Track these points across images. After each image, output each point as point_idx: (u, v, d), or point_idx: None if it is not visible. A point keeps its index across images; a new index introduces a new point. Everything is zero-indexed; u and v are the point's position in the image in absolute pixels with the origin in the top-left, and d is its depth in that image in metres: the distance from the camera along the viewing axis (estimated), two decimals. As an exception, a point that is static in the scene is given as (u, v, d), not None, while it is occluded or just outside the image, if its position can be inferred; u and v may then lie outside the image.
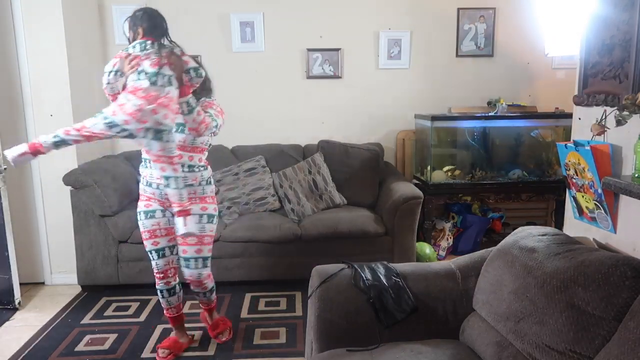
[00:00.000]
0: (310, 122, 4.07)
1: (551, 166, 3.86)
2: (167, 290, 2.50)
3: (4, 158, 3.03)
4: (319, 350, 1.79)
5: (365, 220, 3.31)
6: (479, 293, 1.79)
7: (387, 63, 4.03)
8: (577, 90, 1.97)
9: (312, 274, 1.98)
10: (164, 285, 2.49)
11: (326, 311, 1.82)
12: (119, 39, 3.89)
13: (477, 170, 3.79)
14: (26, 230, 3.42)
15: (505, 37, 4.02)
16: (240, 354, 2.56)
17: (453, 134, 3.95)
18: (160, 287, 2.50)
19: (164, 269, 2.47)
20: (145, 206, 2.42)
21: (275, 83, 4.01)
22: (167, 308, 2.55)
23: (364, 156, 3.70)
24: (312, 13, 3.95)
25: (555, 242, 1.64)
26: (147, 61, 2.08)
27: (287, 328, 2.81)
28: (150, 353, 2.59)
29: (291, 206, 3.51)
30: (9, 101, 3.30)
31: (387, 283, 1.87)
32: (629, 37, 1.64)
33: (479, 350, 1.67)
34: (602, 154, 1.69)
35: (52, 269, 3.49)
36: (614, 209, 1.72)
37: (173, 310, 2.55)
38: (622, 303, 1.30)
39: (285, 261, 3.29)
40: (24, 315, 3.06)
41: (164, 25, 2.24)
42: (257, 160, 3.72)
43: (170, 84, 2.10)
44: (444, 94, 4.07)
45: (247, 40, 3.94)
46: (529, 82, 4.10)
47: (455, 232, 3.88)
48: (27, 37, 3.23)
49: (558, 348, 1.38)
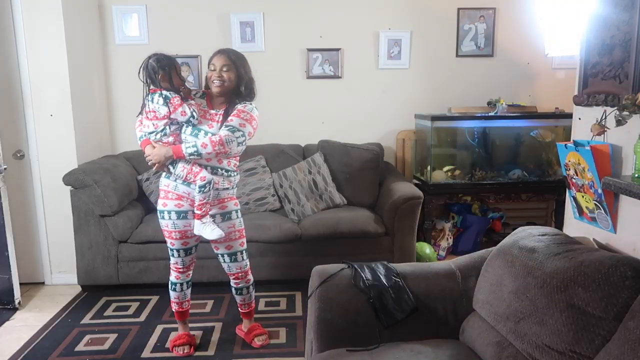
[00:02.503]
0: (310, 122, 4.07)
1: (551, 166, 3.86)
2: (186, 283, 2.58)
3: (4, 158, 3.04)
4: (319, 350, 1.79)
5: (365, 220, 3.31)
6: (479, 293, 1.79)
7: (387, 63, 4.03)
8: (577, 90, 1.97)
9: (312, 274, 1.98)
10: (185, 278, 2.57)
11: (326, 311, 1.82)
12: (119, 39, 3.89)
13: (477, 170, 3.79)
14: (26, 230, 3.42)
15: (505, 37, 4.02)
16: (240, 354, 2.56)
17: (453, 134, 3.95)
18: (180, 281, 2.56)
19: (189, 264, 2.56)
20: (176, 206, 2.42)
21: (275, 83, 4.01)
22: (179, 302, 2.59)
23: (364, 156, 3.70)
24: (312, 13, 3.95)
25: (555, 242, 1.64)
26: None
27: (287, 328, 2.81)
28: (150, 353, 2.59)
29: (291, 206, 3.51)
30: (9, 101, 3.30)
31: (387, 283, 1.87)
32: (629, 37, 1.64)
33: (479, 350, 1.67)
34: (602, 154, 1.69)
35: (52, 269, 3.49)
36: (614, 209, 1.72)
37: (185, 304, 2.62)
38: (622, 303, 1.30)
39: (285, 261, 3.29)
40: (24, 315, 3.06)
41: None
42: (257, 160, 3.72)
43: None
44: (444, 94, 4.07)
45: (247, 40, 3.94)
46: (529, 82, 4.10)
47: (455, 232, 3.88)
48: (27, 37, 3.23)
49: (558, 348, 1.38)
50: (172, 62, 2.36)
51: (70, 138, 3.37)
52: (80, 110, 3.47)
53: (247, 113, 2.37)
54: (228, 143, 2.29)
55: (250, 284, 2.61)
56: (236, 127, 2.31)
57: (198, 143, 2.28)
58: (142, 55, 2.40)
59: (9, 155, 3.29)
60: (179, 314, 2.63)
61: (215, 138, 2.28)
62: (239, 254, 2.52)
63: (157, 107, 2.32)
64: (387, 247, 3.30)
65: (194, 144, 2.28)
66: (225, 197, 2.46)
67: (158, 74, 2.32)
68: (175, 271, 2.54)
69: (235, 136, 2.30)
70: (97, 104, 3.82)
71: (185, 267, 2.54)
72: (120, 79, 3.94)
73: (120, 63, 3.93)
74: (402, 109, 4.06)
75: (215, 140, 2.27)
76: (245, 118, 2.36)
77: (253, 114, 2.41)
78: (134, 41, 3.89)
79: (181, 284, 2.56)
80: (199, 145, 2.27)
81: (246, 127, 2.35)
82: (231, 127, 2.31)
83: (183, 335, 2.61)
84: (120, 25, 3.88)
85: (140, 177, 3.59)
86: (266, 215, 3.47)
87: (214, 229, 2.35)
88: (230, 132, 2.30)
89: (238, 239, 2.50)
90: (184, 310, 2.62)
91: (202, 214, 2.35)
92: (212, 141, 2.27)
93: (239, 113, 2.35)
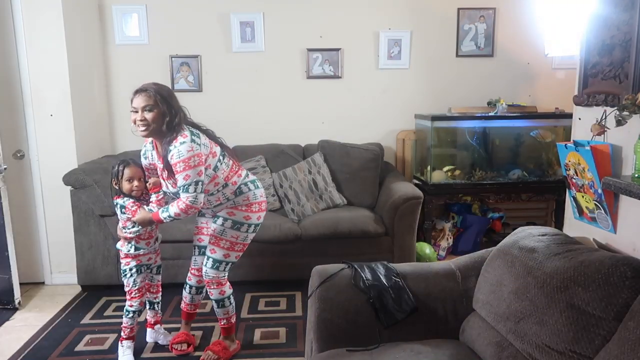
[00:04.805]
0: (310, 122, 4.07)
1: (551, 166, 3.86)
2: (197, 287, 2.59)
3: (4, 158, 3.04)
4: (319, 350, 1.79)
5: (365, 220, 3.31)
6: (479, 293, 1.79)
7: (387, 63, 4.03)
8: (577, 90, 1.97)
9: (312, 274, 1.98)
10: (196, 283, 2.58)
11: (326, 311, 1.82)
12: (119, 39, 3.89)
13: (477, 170, 3.79)
14: (26, 230, 3.42)
15: (505, 37, 4.02)
16: (240, 354, 2.56)
17: (453, 134, 3.95)
18: (191, 284, 2.58)
19: (201, 266, 2.52)
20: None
21: (275, 83, 4.01)
22: (187, 303, 2.62)
23: (364, 156, 3.70)
24: (312, 13, 3.95)
25: (555, 242, 1.64)
26: None
27: (287, 328, 2.81)
28: (150, 353, 2.59)
29: (291, 206, 3.51)
30: (9, 101, 3.30)
31: (387, 283, 1.87)
32: (629, 37, 1.64)
33: (479, 350, 1.67)
34: (602, 154, 1.69)
35: (52, 269, 3.49)
36: (614, 209, 1.72)
37: (191, 307, 2.63)
38: (622, 303, 1.30)
39: (285, 261, 3.29)
40: (24, 315, 3.06)
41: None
42: (257, 160, 3.72)
43: None
44: (444, 94, 4.07)
45: (247, 40, 3.94)
46: (529, 82, 4.10)
47: (455, 232, 3.88)
48: (27, 37, 3.23)
49: (558, 348, 1.38)
50: (115, 171, 2.40)
51: (70, 138, 3.37)
52: (80, 110, 3.47)
53: (183, 161, 2.14)
54: (194, 202, 2.19)
55: (213, 297, 2.52)
56: (187, 184, 2.16)
57: (172, 212, 2.22)
58: (142, 55, 2.40)
59: (9, 155, 3.29)
60: (185, 314, 2.64)
61: (181, 205, 2.19)
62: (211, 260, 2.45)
63: (121, 215, 2.40)
64: (387, 247, 3.30)
65: (169, 214, 2.23)
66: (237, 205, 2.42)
67: (113, 180, 2.43)
68: (191, 272, 2.60)
69: (194, 191, 2.18)
70: (97, 104, 3.82)
71: (197, 270, 2.55)
72: (120, 79, 3.94)
73: (120, 63, 3.93)
74: (402, 109, 4.06)
75: (182, 207, 2.19)
76: (187, 166, 2.14)
77: (190, 152, 2.15)
78: (134, 41, 3.89)
79: (191, 287, 2.59)
80: (172, 214, 2.22)
81: (194, 172, 2.15)
82: (184, 187, 2.17)
83: (181, 334, 2.62)
84: (120, 25, 3.88)
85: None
86: (266, 215, 3.46)
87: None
88: (186, 192, 2.17)
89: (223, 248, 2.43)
90: (190, 312, 2.64)
91: (125, 337, 2.49)
92: (181, 209, 2.19)
93: (176, 166, 2.15)
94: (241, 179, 2.42)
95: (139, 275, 2.47)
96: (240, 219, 2.38)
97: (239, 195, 2.39)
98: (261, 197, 2.46)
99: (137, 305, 2.47)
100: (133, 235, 2.40)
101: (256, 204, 2.43)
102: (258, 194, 2.44)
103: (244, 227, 2.40)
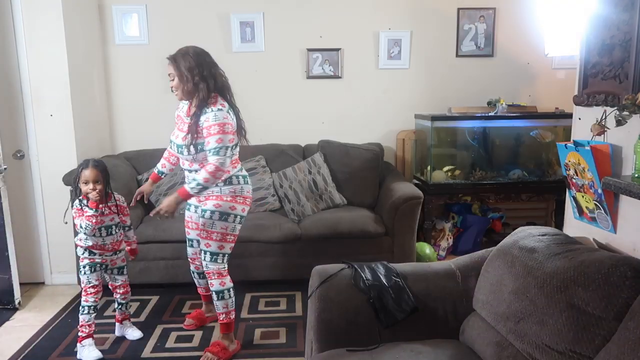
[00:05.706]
0: (310, 122, 4.07)
1: (551, 166, 3.86)
2: (199, 273, 2.78)
3: (4, 158, 3.04)
4: (319, 350, 1.79)
5: (365, 220, 3.31)
6: (479, 293, 1.79)
7: (387, 63, 4.03)
8: (577, 90, 1.97)
9: (312, 274, 1.98)
10: (195, 269, 2.78)
11: (326, 311, 1.82)
12: (119, 39, 3.89)
13: (477, 170, 3.79)
14: (26, 230, 3.42)
15: (505, 37, 4.02)
16: (240, 354, 2.56)
17: (453, 134, 3.96)
18: (192, 270, 2.80)
19: (192, 255, 2.76)
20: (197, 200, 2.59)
21: (275, 83, 4.01)
22: (198, 287, 2.85)
23: (364, 156, 3.70)
24: (312, 13, 3.95)
25: (555, 242, 1.64)
26: None
27: (287, 328, 2.81)
28: (150, 353, 2.59)
29: (291, 206, 3.51)
30: (9, 101, 3.30)
31: (387, 283, 1.87)
32: (629, 37, 1.64)
33: (479, 350, 1.67)
34: (602, 154, 1.69)
35: (52, 269, 3.49)
36: (614, 209, 1.72)
37: (204, 290, 2.83)
38: (622, 303, 1.30)
39: (285, 261, 3.29)
40: (24, 315, 3.06)
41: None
42: (257, 160, 3.72)
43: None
44: (444, 94, 4.06)
45: (247, 40, 3.94)
46: (529, 82, 4.10)
47: (455, 232, 3.88)
48: (27, 37, 3.23)
49: (558, 348, 1.38)
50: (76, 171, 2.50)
51: (70, 138, 3.37)
52: (80, 110, 3.47)
53: (218, 125, 2.33)
54: (223, 165, 2.33)
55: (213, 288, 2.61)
56: (218, 147, 2.33)
57: (199, 179, 2.33)
58: (142, 55, 2.42)
59: (9, 155, 3.29)
60: (202, 296, 2.87)
61: (210, 168, 2.32)
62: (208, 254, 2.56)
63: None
64: (387, 247, 3.30)
65: (197, 182, 2.33)
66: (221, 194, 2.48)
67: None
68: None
69: (224, 154, 2.34)
70: (97, 104, 3.82)
71: (190, 259, 2.79)
72: (120, 79, 3.94)
73: (120, 63, 3.93)
74: (402, 109, 4.06)
75: (211, 170, 2.32)
76: (222, 130, 2.34)
77: (225, 120, 2.36)
78: (134, 41, 3.89)
79: (192, 272, 2.82)
80: (201, 181, 2.32)
81: (226, 137, 2.34)
82: (215, 150, 2.33)
83: (195, 312, 2.89)
84: (120, 25, 3.88)
85: (140, 177, 3.59)
86: (266, 215, 3.47)
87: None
88: (217, 154, 2.32)
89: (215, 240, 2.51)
90: (204, 294, 2.85)
91: (85, 336, 2.54)
92: (210, 172, 2.32)
93: (210, 129, 2.34)
94: (235, 170, 2.51)
95: (93, 274, 2.53)
96: (227, 210, 2.46)
97: (227, 185, 2.48)
98: (247, 193, 2.55)
99: (92, 302, 2.51)
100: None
101: (241, 197, 2.51)
102: (245, 190, 2.54)
103: (230, 217, 2.47)
